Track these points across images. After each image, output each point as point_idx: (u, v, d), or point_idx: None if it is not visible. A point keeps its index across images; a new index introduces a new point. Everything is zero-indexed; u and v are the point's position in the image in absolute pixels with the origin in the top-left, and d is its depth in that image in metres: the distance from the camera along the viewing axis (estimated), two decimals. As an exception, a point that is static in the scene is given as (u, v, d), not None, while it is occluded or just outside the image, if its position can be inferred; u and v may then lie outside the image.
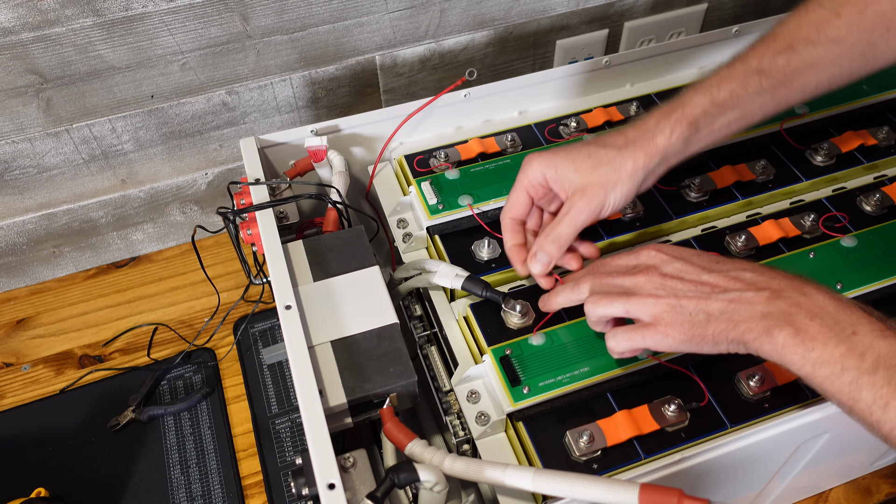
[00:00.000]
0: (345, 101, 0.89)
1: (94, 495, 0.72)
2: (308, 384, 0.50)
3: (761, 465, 0.56)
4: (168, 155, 0.86)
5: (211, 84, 0.81)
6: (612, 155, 0.53)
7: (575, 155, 0.54)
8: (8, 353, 0.85)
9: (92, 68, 0.75)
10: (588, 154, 0.54)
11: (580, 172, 0.53)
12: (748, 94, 0.53)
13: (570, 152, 0.55)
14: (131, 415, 0.77)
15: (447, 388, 0.58)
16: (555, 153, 0.55)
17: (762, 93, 0.54)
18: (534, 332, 0.56)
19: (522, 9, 0.89)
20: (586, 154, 0.54)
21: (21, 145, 0.78)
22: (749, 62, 0.54)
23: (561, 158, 0.55)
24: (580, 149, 0.55)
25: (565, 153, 0.55)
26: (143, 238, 0.93)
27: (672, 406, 0.52)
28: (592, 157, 0.53)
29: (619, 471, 0.50)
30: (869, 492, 0.70)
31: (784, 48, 0.53)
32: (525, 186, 0.57)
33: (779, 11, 0.81)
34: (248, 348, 0.84)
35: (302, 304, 0.57)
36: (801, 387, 0.54)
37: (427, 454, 0.48)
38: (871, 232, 0.63)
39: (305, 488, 0.49)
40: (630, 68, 0.78)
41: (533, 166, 0.56)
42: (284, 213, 0.66)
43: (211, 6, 0.74)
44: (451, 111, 0.74)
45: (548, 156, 0.55)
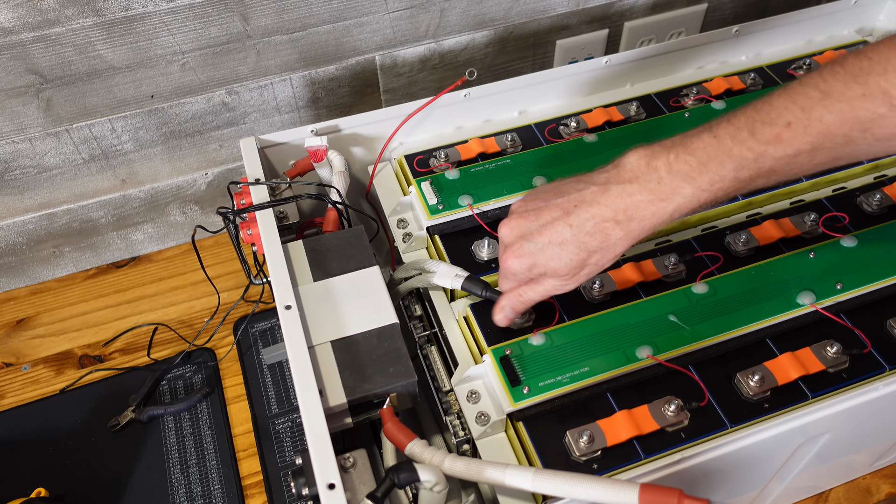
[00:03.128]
0: (345, 101, 0.89)
1: (94, 495, 0.72)
2: (308, 384, 0.50)
3: (761, 465, 0.56)
4: (168, 155, 0.86)
5: (211, 84, 0.81)
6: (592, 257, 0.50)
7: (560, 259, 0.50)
8: (8, 353, 0.85)
9: (92, 68, 0.75)
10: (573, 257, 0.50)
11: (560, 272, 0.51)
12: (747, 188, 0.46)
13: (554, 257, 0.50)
14: (131, 415, 0.77)
15: (447, 388, 0.58)
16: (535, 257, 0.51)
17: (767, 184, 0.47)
18: (534, 332, 0.56)
19: (522, 9, 0.89)
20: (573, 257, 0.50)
21: (21, 145, 0.78)
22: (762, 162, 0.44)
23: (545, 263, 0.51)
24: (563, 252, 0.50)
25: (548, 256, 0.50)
26: (143, 238, 0.93)
27: (672, 406, 0.52)
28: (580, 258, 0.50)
29: (619, 471, 0.50)
30: (869, 492, 0.70)
31: (811, 148, 0.42)
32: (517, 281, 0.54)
33: (779, 11, 0.81)
34: (248, 348, 0.83)
35: (302, 304, 0.57)
36: (801, 387, 0.54)
37: (427, 454, 0.48)
38: (871, 232, 0.63)
39: (305, 488, 0.49)
40: (630, 68, 0.78)
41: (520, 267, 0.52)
42: (284, 213, 0.66)
43: (211, 6, 0.74)
44: (451, 111, 0.74)
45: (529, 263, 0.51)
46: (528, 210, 0.52)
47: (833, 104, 0.41)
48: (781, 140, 0.43)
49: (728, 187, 0.46)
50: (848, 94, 0.40)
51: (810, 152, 0.43)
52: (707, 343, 0.56)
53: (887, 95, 0.39)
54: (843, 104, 0.41)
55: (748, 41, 0.80)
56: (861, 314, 0.58)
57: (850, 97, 0.40)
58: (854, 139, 0.41)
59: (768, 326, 0.57)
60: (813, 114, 0.42)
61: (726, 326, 0.56)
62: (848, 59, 0.41)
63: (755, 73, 0.77)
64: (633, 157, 0.49)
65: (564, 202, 0.50)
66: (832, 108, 0.41)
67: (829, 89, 0.41)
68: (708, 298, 0.58)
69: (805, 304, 0.58)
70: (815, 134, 0.42)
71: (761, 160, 0.44)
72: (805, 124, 0.42)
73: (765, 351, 0.56)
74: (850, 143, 0.42)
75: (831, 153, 0.43)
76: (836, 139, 0.42)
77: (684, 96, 0.76)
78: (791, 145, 0.43)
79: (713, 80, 0.77)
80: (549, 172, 0.67)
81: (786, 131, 0.43)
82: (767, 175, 0.45)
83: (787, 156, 0.43)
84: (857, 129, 0.41)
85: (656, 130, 0.71)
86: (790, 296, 0.58)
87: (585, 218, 0.49)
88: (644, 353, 0.55)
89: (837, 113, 0.41)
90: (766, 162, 0.44)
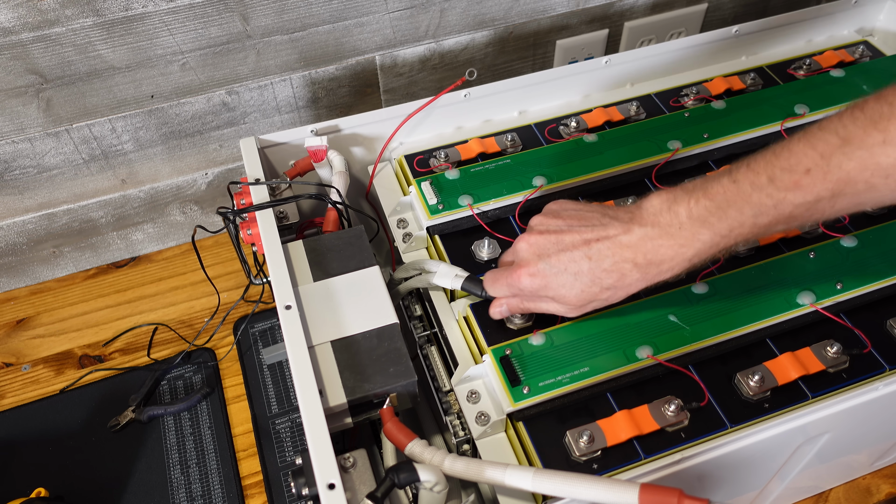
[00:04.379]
0: (345, 101, 0.89)
1: (94, 495, 0.72)
2: (308, 384, 0.50)
3: (761, 465, 0.56)
4: (168, 155, 0.86)
5: (211, 84, 0.81)
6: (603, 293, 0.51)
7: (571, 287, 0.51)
8: (8, 353, 0.85)
9: (92, 68, 0.75)
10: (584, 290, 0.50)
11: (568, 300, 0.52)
12: (766, 233, 0.46)
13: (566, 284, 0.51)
14: (131, 415, 0.77)
15: (447, 388, 0.58)
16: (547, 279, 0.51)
17: (785, 229, 0.47)
18: (534, 332, 0.56)
19: (522, 9, 0.89)
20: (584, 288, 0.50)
21: (21, 145, 0.78)
22: (781, 209, 0.43)
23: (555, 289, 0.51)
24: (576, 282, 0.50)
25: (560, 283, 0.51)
26: (143, 238, 0.93)
27: (672, 406, 0.52)
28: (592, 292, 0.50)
29: (619, 471, 0.50)
30: (869, 492, 0.70)
31: (831, 194, 0.42)
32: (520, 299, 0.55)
33: (779, 11, 0.81)
34: (248, 348, 0.84)
35: (302, 304, 0.57)
36: (801, 387, 0.54)
37: (427, 454, 0.48)
38: (871, 232, 0.63)
39: (305, 488, 0.49)
40: (630, 68, 0.78)
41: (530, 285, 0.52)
42: (284, 213, 0.66)
43: (211, 6, 0.74)
44: (451, 111, 0.74)
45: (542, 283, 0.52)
46: (548, 230, 0.53)
47: (853, 151, 0.40)
48: (801, 187, 0.42)
49: (747, 233, 0.46)
50: (868, 140, 0.40)
51: (830, 199, 0.42)
52: (707, 343, 0.56)
53: None
54: (863, 151, 0.40)
55: (748, 41, 0.80)
56: (861, 314, 0.58)
57: (870, 144, 0.40)
58: (875, 185, 0.40)
59: (768, 326, 0.57)
60: (832, 161, 0.41)
61: (726, 326, 0.56)
62: (868, 103, 0.41)
63: (755, 73, 0.77)
64: (655, 201, 0.49)
65: (587, 232, 0.50)
66: (852, 155, 0.40)
67: (848, 136, 0.41)
68: (708, 298, 0.58)
69: (805, 304, 0.58)
70: (835, 181, 0.41)
71: (781, 206, 0.43)
72: (825, 171, 0.41)
73: (765, 351, 0.56)
74: (872, 190, 0.41)
75: (853, 199, 0.42)
76: (857, 186, 0.41)
77: (684, 96, 0.76)
78: (811, 192, 0.42)
79: (713, 80, 0.77)
80: (550, 172, 0.67)
81: (805, 178, 0.42)
82: (787, 221, 0.44)
83: (807, 202, 0.43)
84: (878, 176, 0.40)
85: (656, 130, 0.71)
86: (790, 296, 0.58)
87: (606, 254, 0.49)
88: (644, 353, 0.55)
89: (857, 160, 0.40)
90: (785, 208, 0.43)
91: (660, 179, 0.68)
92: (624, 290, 0.51)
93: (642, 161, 0.68)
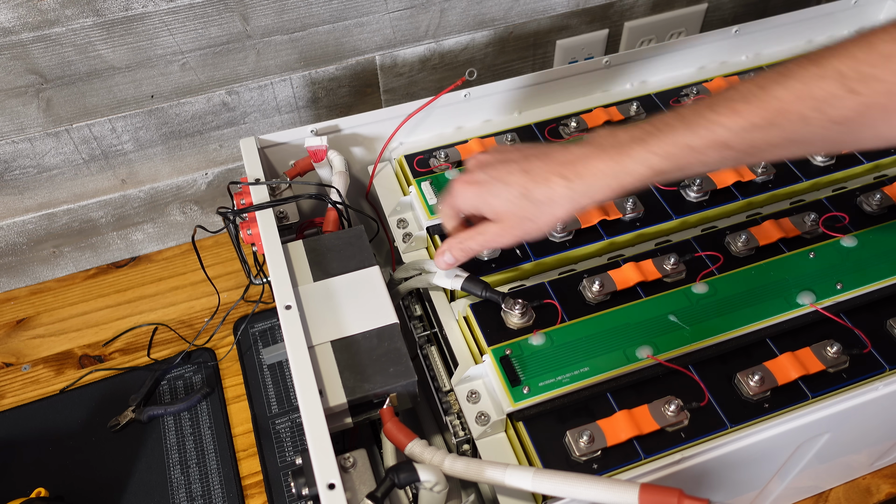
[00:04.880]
0: (345, 101, 0.89)
1: (94, 495, 0.72)
2: (308, 384, 0.50)
3: (761, 465, 0.56)
4: (168, 155, 0.86)
5: (211, 84, 0.81)
6: (533, 209, 0.51)
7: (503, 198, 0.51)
8: (8, 353, 0.85)
9: (92, 68, 0.75)
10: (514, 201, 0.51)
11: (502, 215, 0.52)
12: (702, 162, 0.46)
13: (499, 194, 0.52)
14: (131, 415, 0.77)
15: (447, 388, 0.58)
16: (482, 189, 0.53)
17: (721, 162, 0.47)
18: (534, 332, 0.56)
19: (522, 9, 0.89)
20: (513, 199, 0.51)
21: (21, 145, 0.78)
22: (716, 132, 0.44)
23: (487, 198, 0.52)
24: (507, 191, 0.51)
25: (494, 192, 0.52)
26: (143, 238, 0.93)
27: (672, 406, 0.52)
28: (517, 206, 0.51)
29: (619, 471, 0.50)
30: (869, 492, 0.70)
31: (767, 123, 0.43)
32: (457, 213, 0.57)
33: (779, 11, 0.81)
34: (248, 348, 0.84)
35: (302, 304, 0.57)
36: (801, 387, 0.54)
37: (427, 454, 0.48)
38: (871, 232, 0.63)
39: (305, 488, 0.49)
40: (630, 68, 0.78)
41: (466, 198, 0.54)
42: (284, 213, 0.66)
43: (211, 6, 0.74)
44: (451, 111, 0.73)
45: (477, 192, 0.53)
46: (498, 150, 0.55)
47: (789, 82, 0.42)
48: (736, 112, 0.44)
49: (680, 155, 0.46)
50: (804, 74, 0.42)
51: (765, 128, 0.43)
52: (707, 343, 0.56)
53: (842, 77, 0.40)
54: (798, 83, 0.42)
55: (748, 41, 0.80)
56: (861, 314, 0.58)
57: (806, 77, 0.42)
58: (809, 118, 0.42)
59: (768, 326, 0.57)
60: (769, 90, 0.43)
61: (726, 326, 0.56)
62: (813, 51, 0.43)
63: (755, 73, 0.77)
64: (601, 129, 0.51)
65: (530, 151, 0.53)
66: (788, 86, 0.42)
67: (787, 71, 0.43)
68: (708, 298, 0.58)
69: (805, 304, 0.58)
70: (770, 110, 0.43)
71: (715, 131, 0.44)
72: (761, 99, 0.43)
73: (765, 351, 0.56)
74: (805, 123, 0.42)
75: (786, 132, 0.43)
76: (791, 116, 0.42)
77: (684, 96, 0.76)
78: (746, 118, 0.43)
79: (713, 80, 0.77)
80: (549, 172, 0.67)
81: (741, 105, 0.44)
82: (722, 148, 0.45)
83: (742, 128, 0.44)
84: (811, 108, 0.42)
85: (656, 130, 0.71)
86: (790, 296, 0.58)
87: (539, 167, 0.50)
88: (644, 353, 0.55)
89: (792, 90, 0.42)
90: (720, 132, 0.44)
91: (660, 179, 0.68)
92: (550, 209, 0.50)
93: (642, 161, 0.68)
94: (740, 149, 0.45)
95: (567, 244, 0.63)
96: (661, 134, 0.46)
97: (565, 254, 0.63)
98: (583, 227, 0.64)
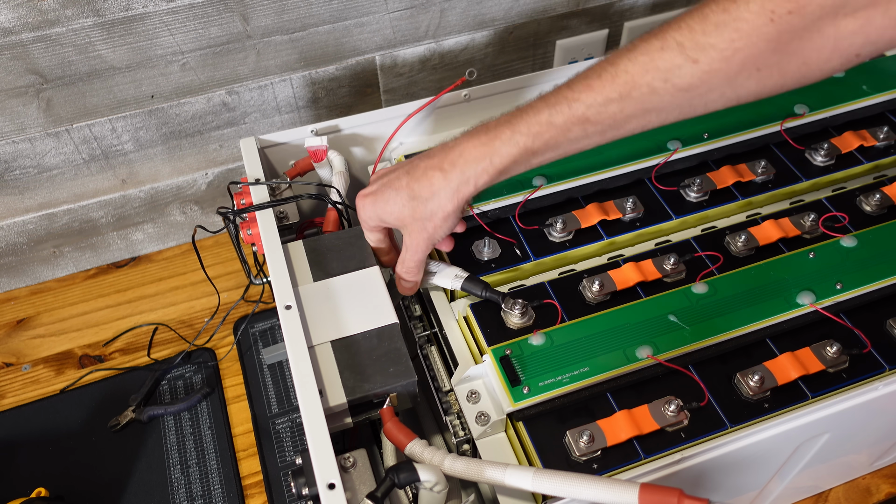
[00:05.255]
0: (345, 101, 0.89)
1: (94, 495, 0.72)
2: (308, 384, 0.50)
3: (761, 465, 0.56)
4: (168, 155, 0.86)
5: (211, 84, 0.81)
6: (423, 207, 0.54)
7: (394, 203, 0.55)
8: (8, 353, 0.85)
9: (92, 68, 0.75)
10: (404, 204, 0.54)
11: (402, 220, 0.55)
12: (569, 139, 0.49)
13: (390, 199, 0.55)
14: (131, 415, 0.77)
15: (447, 388, 0.58)
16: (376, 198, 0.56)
17: (587, 136, 0.50)
18: (534, 332, 0.56)
19: (522, 9, 0.89)
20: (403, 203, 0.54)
21: (21, 145, 0.78)
22: (574, 107, 0.48)
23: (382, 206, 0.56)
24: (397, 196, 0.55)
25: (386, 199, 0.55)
26: (143, 238, 0.93)
27: (672, 406, 0.52)
28: (409, 208, 0.54)
29: (619, 471, 0.50)
30: (869, 492, 0.70)
31: (619, 95, 0.47)
32: (371, 228, 0.60)
33: (779, 11, 0.81)
34: (248, 348, 0.84)
35: (302, 304, 0.57)
36: (800, 387, 0.54)
37: (427, 454, 0.48)
38: (871, 232, 0.63)
39: (305, 488, 0.49)
40: (630, 68, 0.78)
41: (366, 210, 0.57)
42: (284, 213, 0.66)
43: (211, 6, 0.74)
44: (451, 111, 0.74)
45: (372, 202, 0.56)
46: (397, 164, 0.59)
47: (636, 56, 0.46)
48: (592, 88, 0.47)
49: (546, 133, 0.49)
50: (648, 47, 0.46)
51: (619, 101, 0.47)
52: (707, 343, 0.56)
53: (681, 46, 0.44)
54: (644, 56, 0.46)
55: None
56: (861, 314, 0.58)
57: (650, 50, 0.45)
58: (657, 89, 0.46)
59: (768, 326, 0.57)
60: (619, 66, 0.47)
61: (726, 326, 0.56)
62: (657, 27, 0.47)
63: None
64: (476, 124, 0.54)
65: (418, 156, 0.55)
66: (635, 60, 0.46)
67: (634, 46, 0.47)
68: (708, 298, 0.58)
69: (805, 304, 0.58)
70: (621, 83, 0.46)
71: (574, 106, 0.48)
72: (613, 75, 0.47)
73: (765, 351, 0.56)
74: (655, 93, 0.46)
75: (639, 103, 0.47)
76: (642, 88, 0.46)
77: (684, 96, 0.76)
78: (601, 93, 0.47)
79: (713, 80, 0.76)
80: (549, 172, 0.67)
81: (596, 81, 0.47)
82: (582, 123, 0.48)
83: (598, 103, 0.47)
84: (658, 79, 0.45)
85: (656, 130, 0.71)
86: (790, 296, 0.58)
87: (419, 166, 0.54)
88: (644, 353, 0.55)
89: (639, 63, 0.46)
90: (578, 108, 0.48)
91: (660, 179, 0.68)
92: (438, 205, 0.53)
93: (642, 161, 0.68)
94: (600, 121, 0.48)
95: (567, 244, 0.63)
96: (526, 115, 0.50)
97: (565, 254, 0.63)
98: (583, 227, 0.64)
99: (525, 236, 0.64)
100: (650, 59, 0.45)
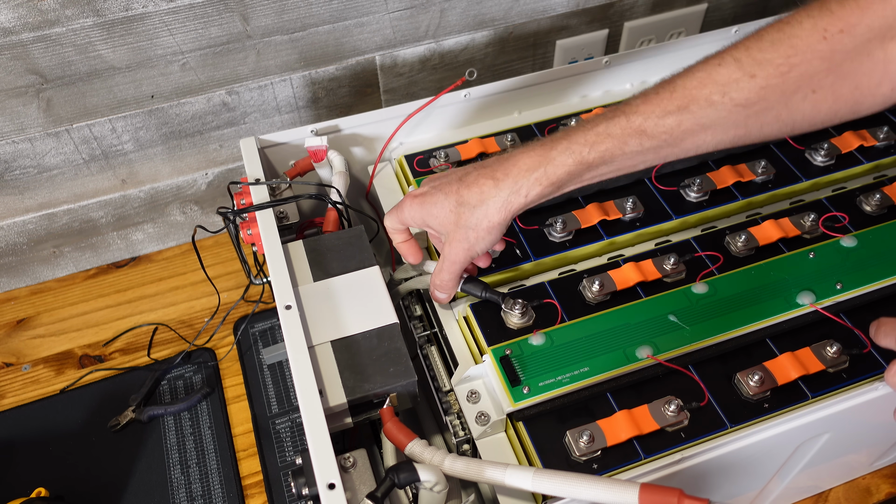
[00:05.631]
0: (345, 101, 0.89)
1: (94, 495, 0.72)
2: (308, 384, 0.50)
3: (761, 465, 0.56)
4: (168, 155, 0.86)
5: (211, 84, 0.81)
6: (469, 214, 0.53)
7: (441, 206, 0.54)
8: (8, 353, 0.85)
9: (92, 68, 0.75)
10: (451, 209, 0.53)
11: (446, 226, 0.54)
12: (625, 153, 0.49)
13: (438, 202, 0.54)
14: (131, 415, 0.77)
15: (447, 388, 0.58)
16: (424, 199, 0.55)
17: (643, 152, 0.49)
18: (534, 332, 0.56)
19: (522, 9, 0.89)
20: (451, 208, 0.53)
21: (21, 145, 0.78)
22: (632, 119, 0.48)
23: (430, 209, 0.55)
24: (445, 200, 0.54)
25: (434, 201, 0.54)
26: (143, 238, 0.93)
27: (672, 406, 0.52)
28: (454, 214, 0.53)
29: (619, 471, 0.50)
30: (869, 492, 0.70)
31: (677, 108, 0.47)
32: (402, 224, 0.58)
33: (779, 11, 0.81)
34: (248, 348, 0.84)
35: (302, 304, 0.57)
36: (800, 387, 0.54)
37: (427, 454, 0.48)
38: (871, 232, 0.63)
39: (305, 488, 0.49)
40: (630, 68, 0.78)
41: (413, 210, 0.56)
42: (284, 213, 0.66)
43: (211, 6, 0.74)
44: (451, 111, 0.74)
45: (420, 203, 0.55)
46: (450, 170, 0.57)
47: (693, 72, 0.48)
48: (649, 101, 0.48)
49: (602, 143, 0.49)
50: (705, 65, 0.47)
51: (677, 113, 0.47)
52: (707, 343, 0.56)
53: (738, 62, 0.46)
54: (701, 72, 0.47)
55: (748, 41, 0.80)
56: (861, 314, 0.58)
57: (707, 67, 0.47)
58: (715, 102, 0.46)
59: (768, 326, 0.57)
60: (676, 82, 0.48)
61: (726, 326, 0.56)
62: None
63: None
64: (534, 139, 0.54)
65: (472, 164, 0.55)
66: (693, 76, 0.47)
67: (691, 67, 0.48)
68: (708, 298, 0.58)
69: (805, 304, 0.58)
70: (679, 97, 0.47)
71: (632, 118, 0.48)
72: (670, 90, 0.48)
73: (765, 351, 0.56)
74: (712, 106, 0.47)
75: (696, 119, 0.47)
76: (699, 101, 0.47)
77: (684, 96, 0.76)
78: (658, 105, 0.48)
79: (713, 80, 0.76)
80: (549, 172, 0.67)
81: (654, 96, 0.48)
82: (639, 135, 0.48)
83: (656, 115, 0.48)
84: (716, 93, 0.46)
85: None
86: (790, 296, 0.58)
87: (472, 173, 0.53)
88: (644, 353, 0.55)
89: (697, 79, 0.47)
90: (635, 119, 0.48)
91: (660, 179, 0.68)
92: (484, 214, 0.52)
93: (642, 161, 0.68)
94: (656, 135, 0.48)
95: (567, 244, 0.63)
96: (583, 128, 0.50)
97: (565, 254, 0.63)
98: (583, 227, 0.64)
99: (525, 236, 0.64)
100: (707, 75, 0.47)
